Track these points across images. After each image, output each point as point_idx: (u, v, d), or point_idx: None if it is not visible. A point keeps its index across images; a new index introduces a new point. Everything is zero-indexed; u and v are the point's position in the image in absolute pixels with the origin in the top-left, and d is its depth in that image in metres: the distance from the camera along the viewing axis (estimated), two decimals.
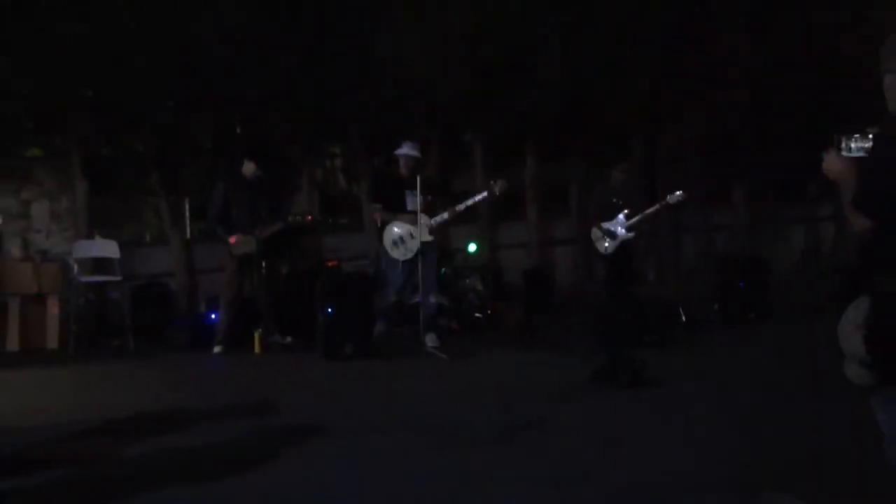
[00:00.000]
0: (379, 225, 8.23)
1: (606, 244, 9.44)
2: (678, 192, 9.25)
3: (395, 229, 8.05)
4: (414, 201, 7.86)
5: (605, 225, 9.33)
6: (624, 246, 9.40)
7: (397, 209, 8.01)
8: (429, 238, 7.90)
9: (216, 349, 7.99)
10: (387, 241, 8.10)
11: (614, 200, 9.37)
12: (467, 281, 9.54)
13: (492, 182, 8.12)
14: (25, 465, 4.57)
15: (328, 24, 9.43)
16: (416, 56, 9.92)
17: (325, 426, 5.34)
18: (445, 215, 7.96)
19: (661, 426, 5.19)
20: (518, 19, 10.51)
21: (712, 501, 3.76)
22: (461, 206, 8.16)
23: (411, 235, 7.91)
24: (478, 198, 8.24)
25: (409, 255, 7.96)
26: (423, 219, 7.86)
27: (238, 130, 9.39)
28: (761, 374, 6.64)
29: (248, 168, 8.14)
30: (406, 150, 8.15)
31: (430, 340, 7.89)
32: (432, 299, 8.33)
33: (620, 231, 9.30)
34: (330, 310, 7.54)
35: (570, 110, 11.26)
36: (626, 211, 9.27)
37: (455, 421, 5.38)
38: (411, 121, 10.01)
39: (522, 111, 10.99)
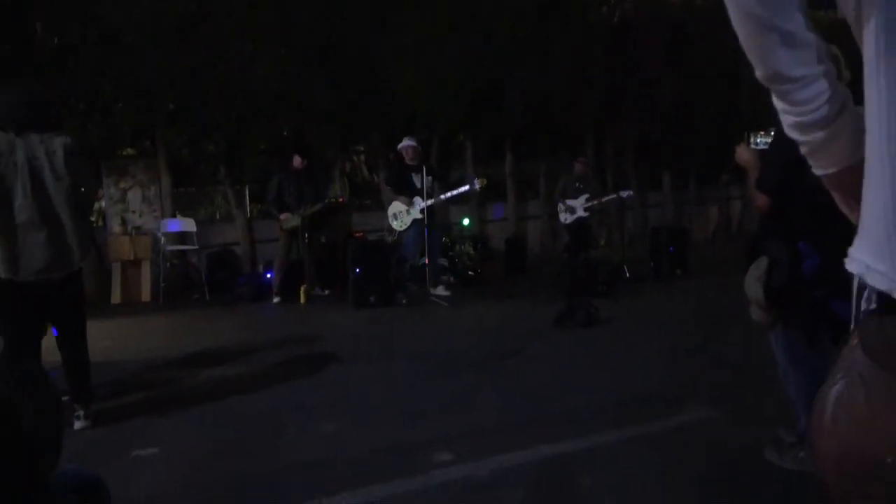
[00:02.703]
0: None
1: (566, 218, 9.51)
2: (629, 191, 9.58)
3: (395, 206, 8.09)
4: (420, 182, 7.89)
5: (569, 202, 9.44)
6: (580, 221, 9.47)
7: (407, 189, 8.01)
8: (419, 216, 7.88)
9: (275, 300, 8.00)
10: (389, 215, 8.17)
11: (577, 185, 9.49)
12: (462, 247, 9.54)
13: (475, 179, 8.16)
14: (120, 388, 4.61)
15: (353, 58, 9.37)
16: (421, 81, 9.86)
17: (353, 355, 5.37)
18: (431, 201, 7.94)
19: (610, 355, 5.22)
20: (496, 57, 10.47)
21: (646, 408, 3.78)
22: (448, 195, 8.18)
23: (407, 212, 7.96)
24: (462, 189, 8.22)
25: (404, 227, 8.02)
26: (416, 200, 7.87)
27: (285, 133, 9.32)
28: (687, 315, 6.66)
29: (296, 161, 8.15)
30: (407, 142, 8.15)
31: (440, 290, 7.94)
32: (440, 260, 8.42)
33: (579, 209, 9.38)
34: (358, 270, 7.54)
35: (537, 120, 11.25)
36: (586, 195, 9.36)
37: (450, 352, 5.41)
38: (418, 126, 9.95)
39: (502, 120, 10.99)
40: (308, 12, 8.98)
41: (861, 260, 0.85)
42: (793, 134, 0.97)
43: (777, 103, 0.96)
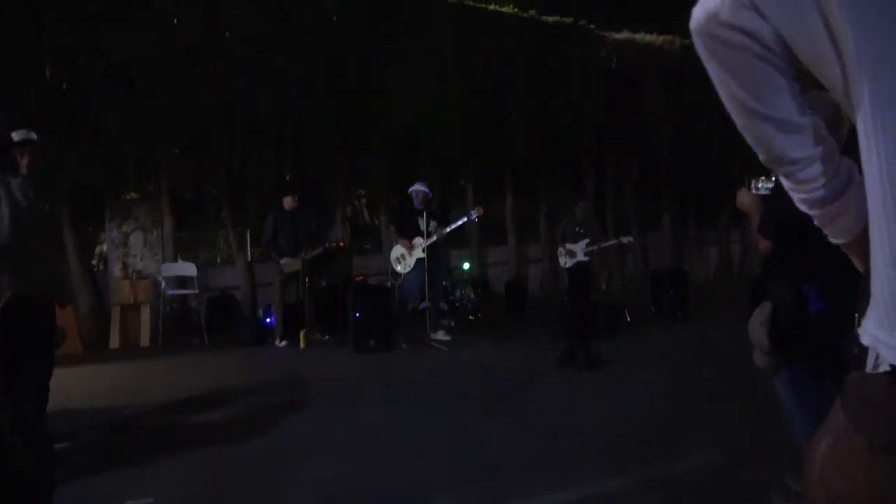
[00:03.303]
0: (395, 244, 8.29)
1: (566, 262, 9.53)
2: (629, 237, 9.69)
3: (398, 249, 8.10)
4: (424, 224, 7.92)
5: (569, 246, 9.47)
6: (580, 264, 9.48)
7: (412, 231, 8.03)
8: (422, 255, 7.89)
9: (281, 343, 7.96)
10: (392, 259, 8.16)
11: (577, 229, 9.53)
12: (462, 290, 9.52)
13: (472, 210, 8.21)
14: (117, 433, 4.55)
15: (355, 95, 9.51)
16: (421, 118, 10.00)
17: (354, 400, 5.33)
18: (435, 237, 7.95)
19: (611, 398, 5.16)
20: (496, 88, 10.65)
21: (650, 452, 3.72)
22: (448, 228, 8.18)
23: (410, 254, 7.97)
24: (461, 221, 8.25)
25: (408, 269, 7.98)
26: (417, 241, 7.89)
27: (287, 178, 9.38)
28: (688, 358, 6.61)
29: (287, 202, 8.19)
30: (418, 186, 8.20)
31: (441, 335, 7.89)
32: (441, 305, 8.40)
33: (579, 254, 9.40)
34: (358, 314, 7.51)
35: (538, 155, 11.36)
36: (587, 240, 9.39)
37: (450, 395, 5.36)
38: (418, 164, 10.05)
39: (501, 155, 11.09)
40: (309, 47, 9.13)
41: (871, 333, 0.85)
42: (803, 208, 0.99)
43: (784, 182, 0.98)
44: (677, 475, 3.44)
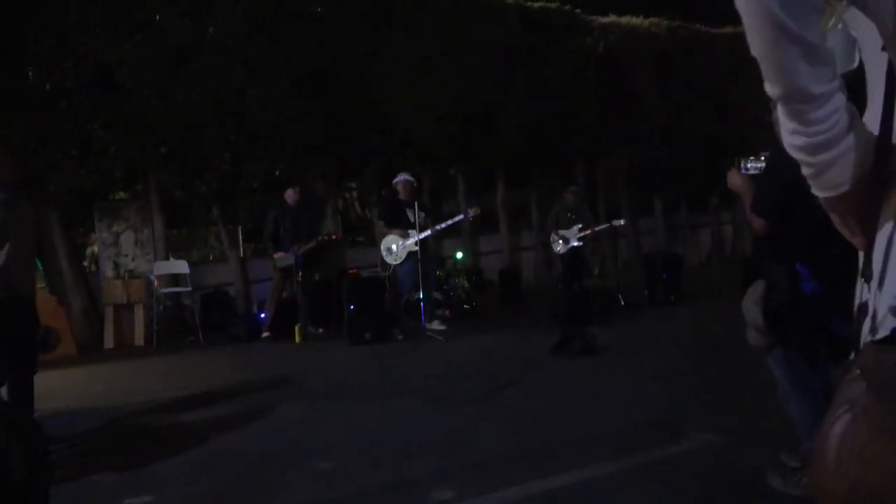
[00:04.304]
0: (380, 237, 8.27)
1: (559, 247, 9.53)
2: (622, 221, 9.74)
3: (389, 239, 8.08)
4: (413, 217, 7.89)
5: (562, 232, 9.48)
6: (573, 250, 9.49)
7: (400, 224, 8.00)
8: (414, 248, 7.87)
9: (265, 334, 8.00)
10: (382, 250, 8.13)
11: (569, 215, 9.54)
12: (456, 280, 9.52)
13: (468, 209, 8.17)
14: (113, 432, 4.54)
15: (346, 91, 9.47)
16: (412, 115, 9.97)
17: (351, 392, 5.32)
18: (428, 232, 7.93)
19: (607, 383, 5.17)
20: (487, 86, 10.62)
21: (647, 436, 3.73)
22: (442, 225, 8.15)
23: (401, 246, 7.96)
24: (456, 219, 8.21)
25: (399, 261, 7.97)
26: (411, 233, 7.88)
27: (277, 174, 9.34)
28: (683, 341, 6.63)
29: (289, 195, 8.18)
30: (403, 177, 8.17)
31: (436, 325, 7.88)
32: (435, 295, 8.39)
33: (572, 239, 9.41)
34: (352, 307, 7.50)
35: (528, 150, 11.35)
36: (579, 225, 9.40)
37: (447, 385, 5.36)
38: (409, 161, 10.01)
39: (493, 152, 11.08)
40: (300, 44, 9.09)
41: (890, 301, 0.83)
42: (799, 155, 0.94)
43: (786, 124, 0.92)
44: (674, 458, 3.45)
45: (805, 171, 0.96)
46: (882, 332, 0.83)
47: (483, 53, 10.62)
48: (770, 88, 0.90)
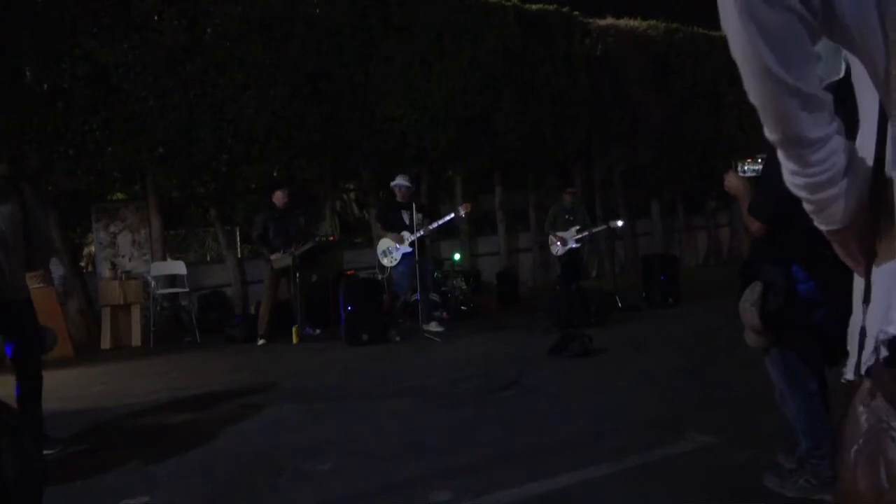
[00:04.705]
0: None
1: (557, 249, 9.53)
2: (620, 222, 9.74)
3: (385, 242, 8.09)
4: (410, 219, 7.89)
5: (560, 234, 9.48)
6: (571, 251, 9.49)
7: (397, 226, 8.02)
8: (409, 250, 7.88)
9: (260, 342, 7.91)
10: (378, 252, 8.15)
11: (567, 217, 9.54)
12: (454, 282, 9.52)
13: (460, 207, 8.19)
14: (110, 433, 4.53)
15: (342, 93, 9.47)
16: (408, 116, 9.98)
17: (348, 394, 5.31)
18: (421, 232, 7.93)
19: (605, 385, 5.17)
20: (483, 87, 10.64)
21: (644, 437, 3.74)
22: (435, 224, 8.15)
23: (396, 248, 7.97)
24: (448, 217, 8.22)
25: (394, 263, 8.00)
26: (405, 234, 7.88)
27: (275, 174, 9.34)
28: (681, 342, 6.63)
29: (278, 197, 8.16)
30: (399, 181, 8.18)
31: (434, 326, 7.88)
32: (433, 296, 8.40)
33: (570, 241, 9.42)
34: (350, 307, 7.49)
35: (525, 151, 11.36)
36: (577, 227, 9.41)
37: (445, 386, 5.36)
38: (406, 162, 10.03)
39: (490, 153, 11.08)
40: (297, 46, 9.09)
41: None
42: (800, 193, 0.95)
43: (787, 165, 0.94)
44: (671, 459, 3.45)
45: (806, 206, 0.97)
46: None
47: (480, 55, 10.64)
48: (769, 134, 0.91)
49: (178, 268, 8.99)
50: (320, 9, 9.29)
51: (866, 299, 0.90)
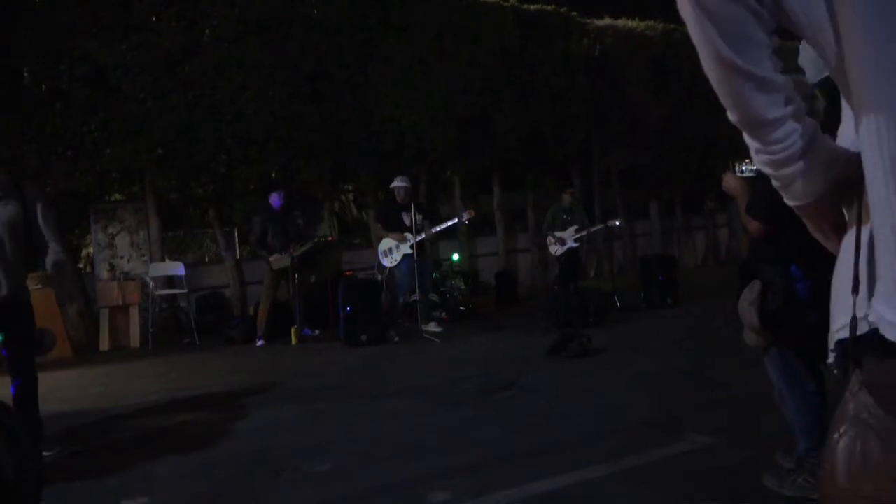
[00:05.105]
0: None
1: (557, 250, 9.54)
2: (618, 220, 9.66)
3: (386, 242, 8.10)
4: (409, 219, 7.90)
5: (558, 234, 9.48)
6: (570, 251, 9.50)
7: (397, 227, 8.03)
8: (409, 251, 7.88)
9: (259, 342, 7.91)
10: (379, 252, 8.16)
11: (565, 217, 9.55)
12: (452, 282, 9.53)
13: (463, 212, 8.20)
14: (109, 434, 4.53)
15: (341, 93, 9.47)
16: (407, 116, 9.99)
17: (347, 394, 5.31)
18: (424, 235, 7.94)
19: (604, 385, 5.17)
20: (482, 87, 10.64)
21: (642, 437, 3.74)
22: (437, 228, 8.17)
23: (397, 248, 7.97)
24: (451, 223, 8.22)
25: (395, 264, 8.02)
26: (407, 236, 7.89)
27: (273, 175, 9.34)
28: (679, 343, 6.64)
29: (275, 199, 8.16)
30: (398, 182, 8.20)
31: (433, 327, 7.89)
32: (432, 297, 8.40)
33: (569, 241, 9.42)
34: (349, 308, 7.49)
35: (524, 152, 11.36)
36: (575, 226, 9.42)
37: (444, 387, 5.36)
38: (406, 163, 10.03)
39: (489, 154, 11.08)
40: (296, 46, 9.09)
41: (877, 310, 0.84)
42: (766, 170, 0.99)
43: (750, 143, 0.97)
44: (670, 459, 3.45)
45: (774, 182, 1.01)
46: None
47: (479, 56, 10.65)
48: (729, 114, 0.95)
49: (177, 269, 8.99)
50: (319, 9, 9.29)
51: (854, 289, 0.91)
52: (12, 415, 3.08)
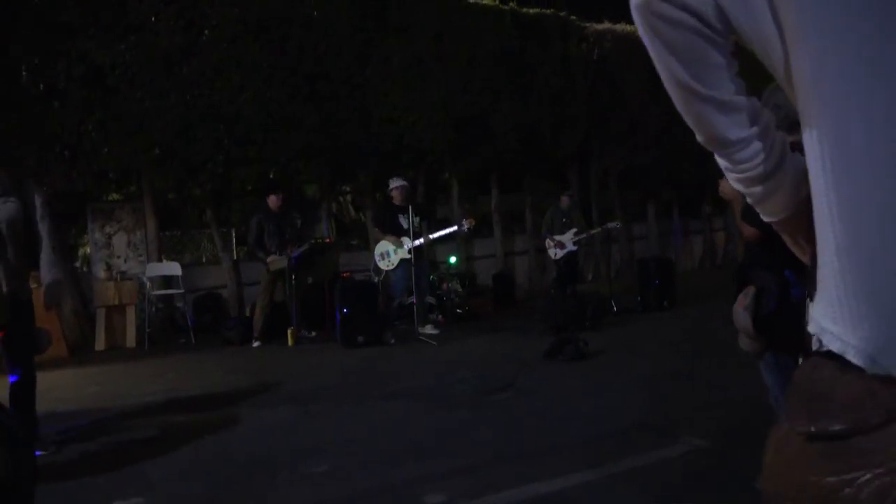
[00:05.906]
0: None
1: (556, 253, 9.56)
2: (617, 223, 9.67)
3: (383, 245, 8.10)
4: (407, 222, 7.90)
5: (557, 237, 9.50)
6: (569, 255, 9.52)
7: (395, 229, 8.04)
8: (407, 255, 7.89)
9: (255, 343, 7.92)
10: (376, 255, 8.17)
11: (563, 220, 9.57)
12: (450, 284, 9.53)
13: (463, 220, 8.20)
14: (105, 434, 4.53)
15: (339, 94, 9.48)
16: (406, 117, 10.00)
17: (344, 396, 5.32)
18: (421, 240, 7.95)
19: (600, 388, 5.19)
20: (480, 89, 10.66)
21: (639, 440, 3.75)
22: (436, 235, 8.18)
23: (395, 251, 7.98)
24: (450, 230, 8.23)
25: (391, 267, 8.02)
26: (405, 240, 7.90)
27: (271, 176, 9.34)
28: (675, 346, 6.66)
29: (272, 200, 8.16)
30: (396, 183, 8.21)
31: (429, 329, 7.89)
32: (429, 299, 8.41)
33: (568, 244, 9.44)
34: (346, 310, 7.50)
35: (522, 155, 11.38)
36: (574, 229, 9.44)
37: (440, 389, 5.37)
38: (404, 164, 10.04)
39: (487, 156, 11.10)
40: (294, 47, 9.10)
41: (817, 319, 0.86)
42: (737, 187, 1.00)
43: (720, 162, 0.98)
44: (666, 462, 3.47)
45: (748, 199, 1.02)
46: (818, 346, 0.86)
47: (477, 58, 10.67)
48: (696, 135, 0.96)
49: (174, 269, 8.99)
50: (318, 10, 9.30)
51: (810, 295, 0.93)
52: (9, 413, 3.09)
